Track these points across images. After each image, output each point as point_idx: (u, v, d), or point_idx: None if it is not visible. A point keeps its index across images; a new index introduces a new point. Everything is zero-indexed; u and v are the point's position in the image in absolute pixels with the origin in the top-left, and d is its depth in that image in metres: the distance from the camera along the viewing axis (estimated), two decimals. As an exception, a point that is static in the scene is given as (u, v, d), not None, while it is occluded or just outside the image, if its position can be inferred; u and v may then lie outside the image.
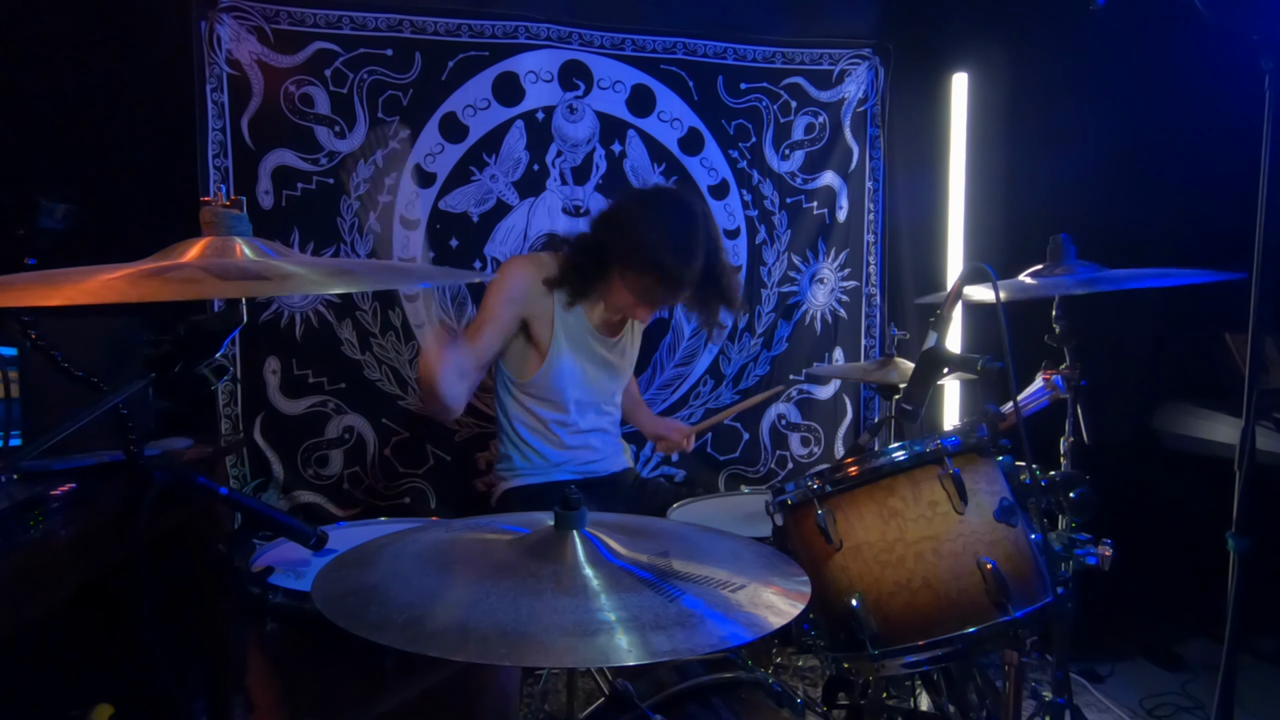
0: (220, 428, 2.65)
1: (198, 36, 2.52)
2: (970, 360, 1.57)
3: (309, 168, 2.66)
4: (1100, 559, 1.79)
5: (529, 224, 2.85)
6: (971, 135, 3.10)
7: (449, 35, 2.73)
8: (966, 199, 3.12)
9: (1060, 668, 1.96)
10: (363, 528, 1.84)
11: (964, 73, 3.08)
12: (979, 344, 2.93)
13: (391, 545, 1.22)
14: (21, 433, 1.71)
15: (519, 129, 2.81)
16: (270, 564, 1.29)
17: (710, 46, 2.99)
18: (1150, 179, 3.05)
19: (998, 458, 1.57)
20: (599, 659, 1.01)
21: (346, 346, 2.73)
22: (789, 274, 3.17)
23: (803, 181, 3.15)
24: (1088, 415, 2.01)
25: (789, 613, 1.05)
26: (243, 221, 1.10)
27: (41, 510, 1.51)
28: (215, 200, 1.10)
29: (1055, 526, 1.85)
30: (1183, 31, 2.76)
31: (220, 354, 1.12)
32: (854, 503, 1.50)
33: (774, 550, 1.28)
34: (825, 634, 1.56)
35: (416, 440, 2.82)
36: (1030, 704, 2.24)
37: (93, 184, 2.43)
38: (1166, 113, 2.99)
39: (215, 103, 2.56)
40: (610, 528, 1.19)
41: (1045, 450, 1.93)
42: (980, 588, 1.43)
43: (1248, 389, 1.71)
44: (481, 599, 1.01)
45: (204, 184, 2.55)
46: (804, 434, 3.26)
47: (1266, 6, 1.73)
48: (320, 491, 2.75)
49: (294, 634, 1.35)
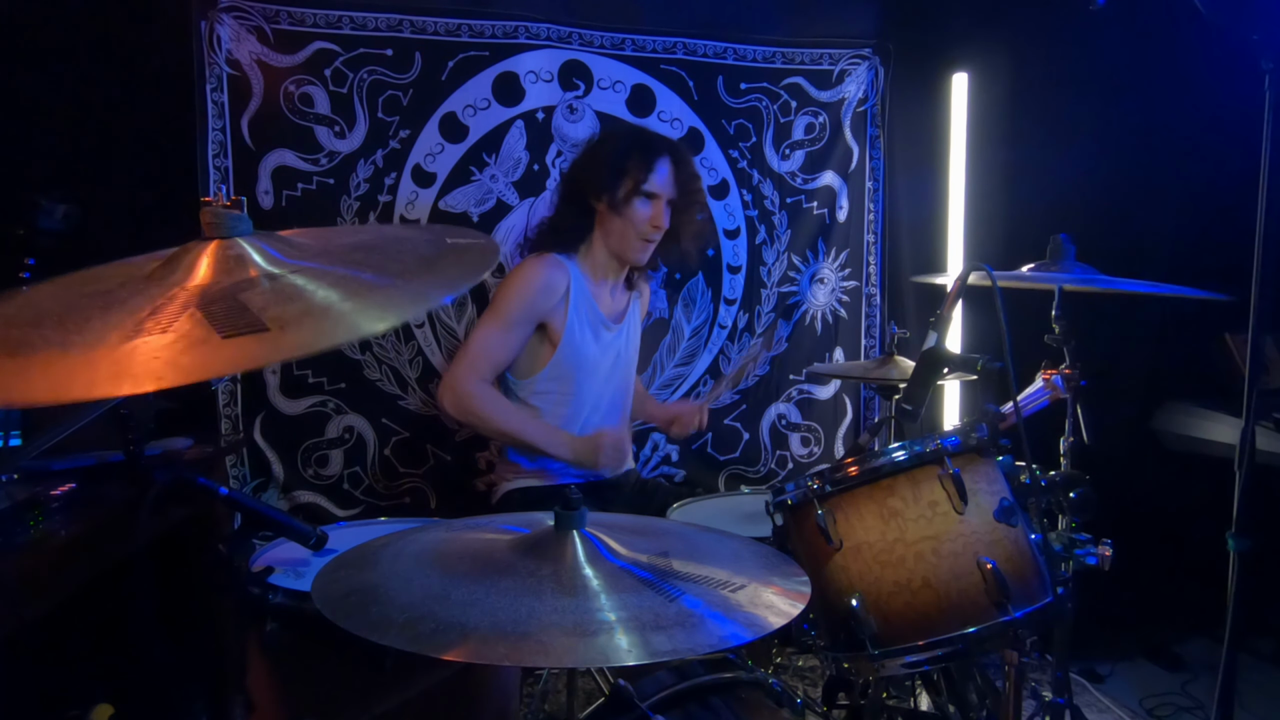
0: (220, 428, 2.65)
1: (198, 36, 2.51)
2: (970, 360, 1.57)
3: (309, 168, 2.65)
4: (1100, 559, 1.79)
5: (529, 224, 2.84)
6: (971, 135, 3.10)
7: (449, 35, 2.73)
8: (966, 199, 3.12)
9: (1060, 668, 1.96)
10: (363, 528, 1.84)
11: (964, 73, 3.08)
12: (979, 344, 2.93)
13: (391, 545, 1.22)
14: (21, 433, 1.72)
15: (519, 129, 2.81)
16: (270, 564, 1.29)
17: (710, 46, 2.99)
18: (1150, 179, 3.05)
19: (998, 458, 1.57)
20: (599, 659, 1.01)
21: (346, 346, 2.73)
22: (789, 274, 3.17)
23: (803, 181, 3.15)
24: (1088, 415, 2.01)
25: (789, 613, 1.06)
26: (243, 222, 1.09)
27: (41, 510, 1.52)
28: (216, 200, 1.10)
29: (1055, 526, 1.85)
30: (1183, 31, 2.76)
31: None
32: (854, 503, 1.50)
33: (774, 550, 1.28)
34: (825, 634, 1.56)
35: (416, 440, 2.82)
36: (1030, 704, 2.24)
37: (93, 184, 2.43)
38: (1167, 112, 2.99)
39: (215, 103, 2.56)
40: (610, 528, 1.19)
41: (1045, 450, 1.93)
42: (980, 588, 1.43)
43: (1248, 389, 1.71)
44: (481, 599, 1.01)
45: (204, 184, 2.55)
46: (804, 434, 3.26)
47: (1266, 6, 1.73)
48: (320, 491, 2.75)
49: (294, 634, 1.35)
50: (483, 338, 2.29)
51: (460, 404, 2.24)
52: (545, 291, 2.29)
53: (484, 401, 2.27)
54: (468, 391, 2.24)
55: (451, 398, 2.25)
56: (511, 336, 2.30)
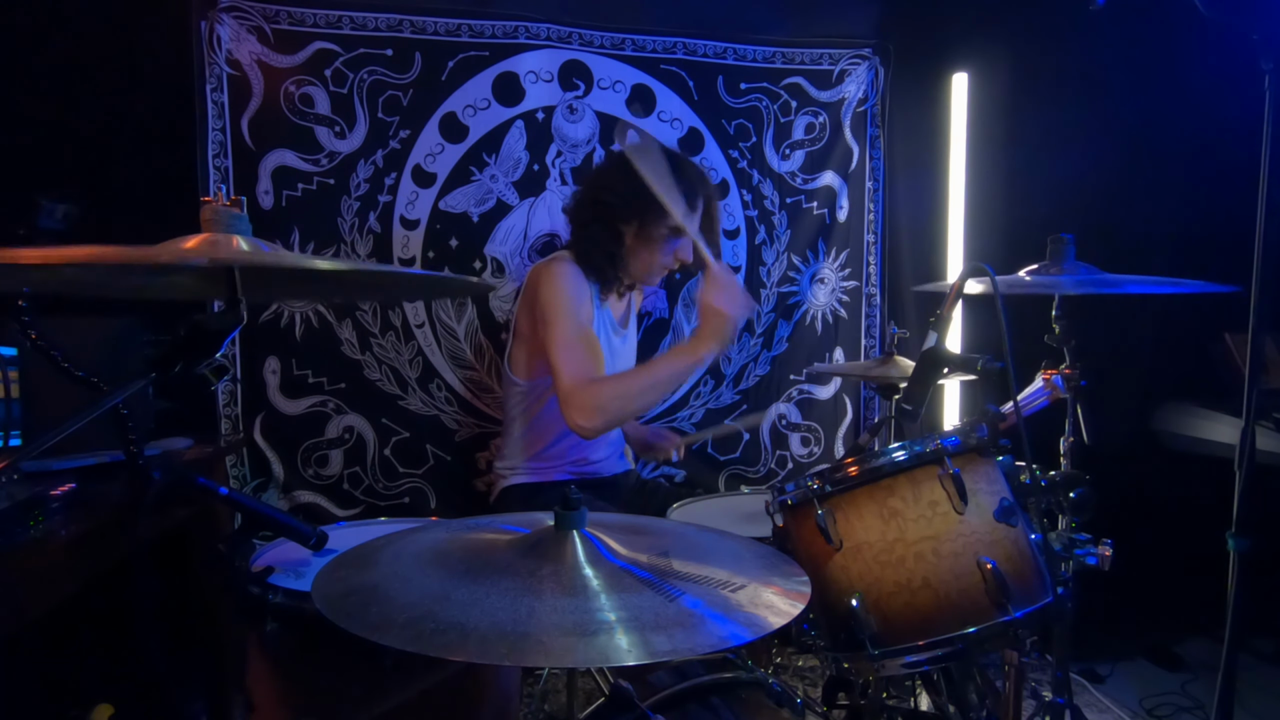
0: (220, 428, 2.65)
1: (198, 36, 2.52)
2: (970, 360, 1.57)
3: (309, 168, 2.66)
4: (1100, 559, 1.79)
5: (529, 224, 2.85)
6: (971, 135, 3.10)
7: (449, 35, 2.73)
8: (966, 199, 3.12)
9: (1060, 668, 1.96)
10: (363, 528, 1.84)
11: (964, 73, 3.08)
12: (979, 344, 2.93)
13: (391, 545, 1.22)
14: (21, 433, 1.72)
15: (519, 129, 2.81)
16: (270, 564, 1.29)
17: (710, 46, 2.99)
18: (1150, 179, 3.05)
19: (998, 458, 1.57)
20: (599, 659, 1.01)
21: (346, 346, 2.74)
22: (789, 274, 3.17)
23: (803, 181, 3.15)
24: (1088, 415, 2.01)
25: (789, 613, 1.05)
26: (243, 221, 1.10)
27: (41, 510, 1.52)
28: (216, 200, 1.10)
29: (1055, 526, 1.85)
30: (1183, 31, 2.76)
31: (220, 354, 1.12)
32: (854, 503, 1.50)
33: (774, 550, 1.28)
34: (825, 634, 1.56)
35: (416, 440, 2.82)
36: (1030, 704, 2.24)
37: (93, 184, 2.43)
38: (1167, 112, 2.99)
39: (215, 103, 2.56)
40: (610, 528, 1.19)
41: (1045, 450, 1.93)
42: (980, 588, 1.43)
43: (1248, 389, 1.71)
44: (481, 599, 1.01)
45: (204, 184, 2.55)
46: (804, 434, 3.26)
47: (1266, 6, 1.73)
48: (320, 491, 2.75)
49: (294, 634, 1.35)
50: (564, 345, 2.12)
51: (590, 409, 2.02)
52: (584, 284, 2.27)
53: (607, 387, 2.10)
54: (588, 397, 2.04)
55: (579, 413, 2.02)
56: (586, 330, 2.20)
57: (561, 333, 2.14)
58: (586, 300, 2.27)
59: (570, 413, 2.03)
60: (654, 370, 2.15)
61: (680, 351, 2.17)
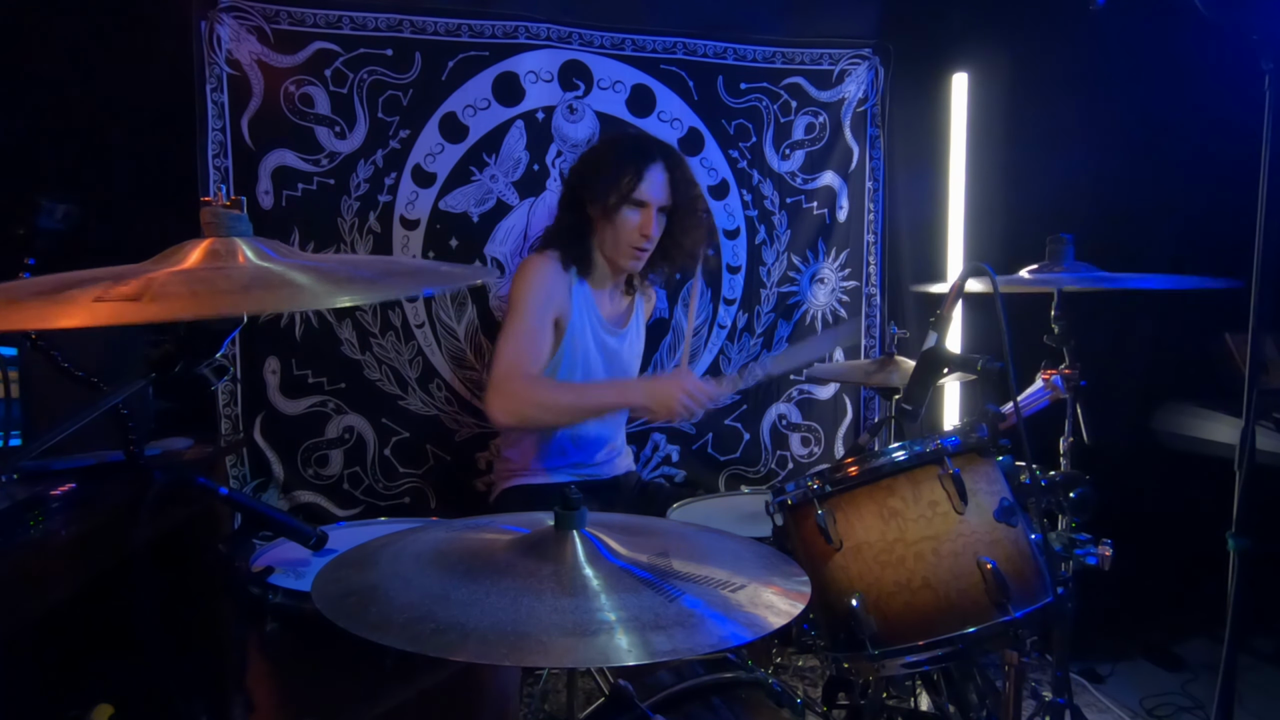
0: (220, 428, 2.65)
1: (198, 36, 2.52)
2: (970, 360, 1.57)
3: (309, 168, 2.65)
4: (1100, 559, 1.79)
5: (529, 224, 2.84)
6: (971, 135, 3.10)
7: (449, 35, 2.73)
8: (966, 199, 3.12)
9: (1060, 668, 1.96)
10: (363, 528, 1.84)
11: (964, 73, 3.09)
12: (979, 344, 2.93)
13: (391, 545, 1.22)
14: (21, 433, 1.71)
15: (519, 129, 2.81)
16: (270, 564, 1.29)
17: (710, 46, 2.99)
18: (1150, 179, 3.04)
19: (998, 458, 1.57)
20: (599, 659, 1.01)
21: (346, 346, 2.73)
22: (789, 274, 3.17)
23: (803, 181, 3.15)
24: (1088, 415, 2.01)
25: (789, 613, 1.05)
26: (243, 221, 1.09)
27: (41, 510, 1.52)
28: (215, 200, 1.10)
29: (1055, 526, 1.86)
30: (1183, 32, 2.75)
31: (220, 354, 1.12)
32: (854, 503, 1.50)
33: (774, 550, 1.28)
34: (825, 634, 1.56)
35: (416, 440, 2.82)
36: (1030, 704, 2.24)
37: (93, 184, 2.43)
38: (1167, 112, 2.99)
39: (215, 103, 2.56)
40: (610, 528, 1.19)
41: (1045, 450, 1.93)
42: (980, 588, 1.43)
43: (1248, 389, 1.71)
44: (481, 599, 1.01)
45: (204, 184, 2.55)
46: (804, 434, 3.26)
47: (1266, 6, 1.73)
48: (320, 491, 2.75)
49: (294, 634, 1.35)
50: (511, 336, 2.22)
51: (512, 401, 2.12)
52: (555, 282, 2.29)
53: (536, 387, 2.18)
54: (515, 388, 2.13)
55: (500, 400, 2.12)
56: (537, 329, 2.25)
57: (511, 324, 2.25)
58: (557, 296, 2.29)
59: (491, 398, 2.13)
60: (584, 394, 2.27)
61: (616, 387, 2.34)
